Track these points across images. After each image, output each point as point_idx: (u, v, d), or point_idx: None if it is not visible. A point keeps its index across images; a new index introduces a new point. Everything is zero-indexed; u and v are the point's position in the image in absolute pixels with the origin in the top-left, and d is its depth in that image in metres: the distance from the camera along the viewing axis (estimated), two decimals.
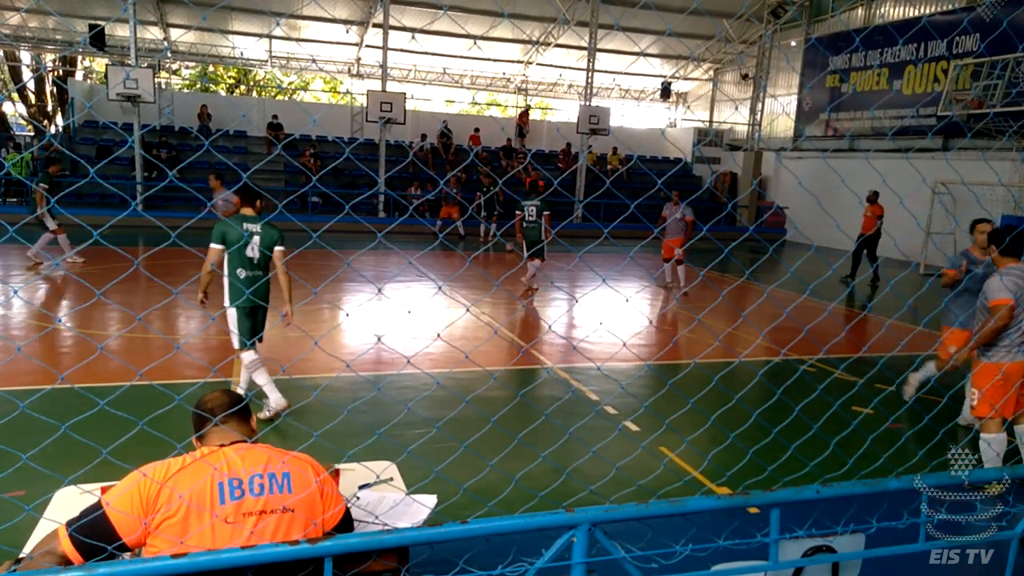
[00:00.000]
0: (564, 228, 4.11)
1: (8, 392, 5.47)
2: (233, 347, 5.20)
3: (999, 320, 4.12)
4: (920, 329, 6.07)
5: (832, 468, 3.61)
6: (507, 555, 1.95)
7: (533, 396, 5.91)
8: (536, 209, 10.19)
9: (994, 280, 4.24)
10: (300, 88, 34.00)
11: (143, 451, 2.65)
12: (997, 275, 4.24)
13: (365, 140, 20.88)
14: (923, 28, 16.28)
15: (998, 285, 4.18)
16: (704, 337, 7.63)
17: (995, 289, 4.20)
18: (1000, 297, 4.16)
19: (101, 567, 1.52)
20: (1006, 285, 4.16)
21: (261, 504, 1.87)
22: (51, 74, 25.51)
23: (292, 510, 1.90)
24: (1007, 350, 4.26)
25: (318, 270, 11.66)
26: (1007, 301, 4.14)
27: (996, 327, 4.14)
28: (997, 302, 4.17)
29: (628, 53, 23.03)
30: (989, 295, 4.24)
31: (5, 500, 2.55)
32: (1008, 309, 4.12)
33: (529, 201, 10.27)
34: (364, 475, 2.71)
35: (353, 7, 20.40)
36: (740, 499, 2.05)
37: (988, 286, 4.27)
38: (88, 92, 21.97)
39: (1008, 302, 4.14)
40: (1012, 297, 4.16)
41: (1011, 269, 4.27)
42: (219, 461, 1.89)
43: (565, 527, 1.87)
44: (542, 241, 10.06)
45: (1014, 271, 4.25)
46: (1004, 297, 4.15)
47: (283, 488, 1.91)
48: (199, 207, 16.29)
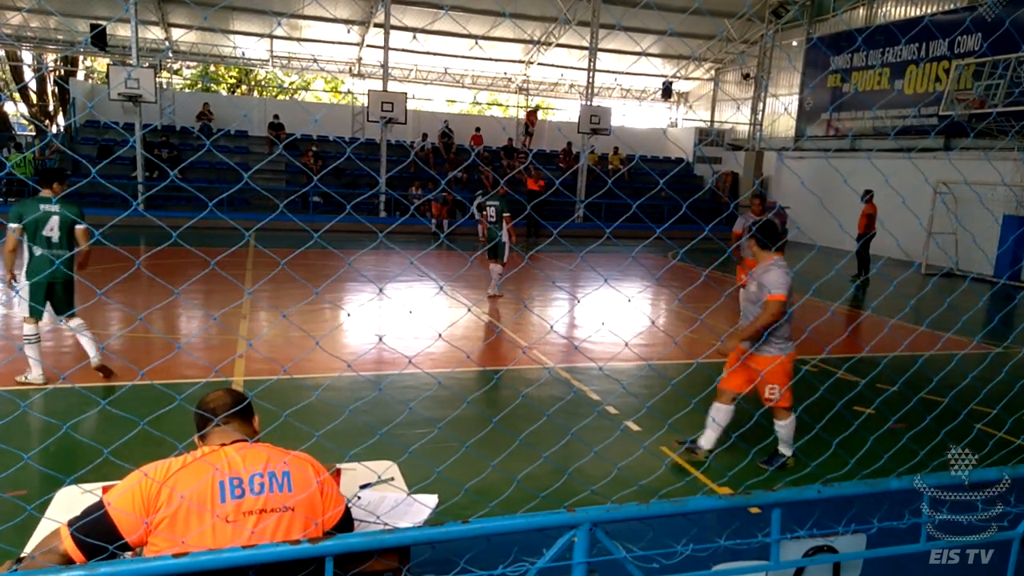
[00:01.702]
0: (566, 228, 4.11)
1: (9, 392, 5.47)
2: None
3: (772, 317, 4.17)
4: (922, 329, 6.06)
5: (833, 468, 3.62)
6: (508, 555, 1.95)
7: (535, 396, 5.91)
8: (495, 210, 9.91)
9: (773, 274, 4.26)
10: (301, 88, 34.03)
11: (144, 451, 2.66)
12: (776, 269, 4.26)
13: (366, 140, 20.88)
14: (925, 28, 16.25)
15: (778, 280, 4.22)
16: (706, 337, 7.63)
17: (775, 284, 4.22)
18: (779, 292, 4.20)
19: (103, 566, 1.52)
20: (784, 281, 4.22)
21: (261, 503, 1.87)
22: (52, 74, 25.54)
23: (292, 509, 1.90)
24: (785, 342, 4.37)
25: (319, 270, 11.66)
26: (783, 297, 4.19)
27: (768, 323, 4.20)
28: (774, 297, 4.20)
29: (629, 53, 23.01)
30: (771, 289, 4.24)
31: (6, 499, 2.56)
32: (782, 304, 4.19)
33: (490, 202, 9.99)
34: (365, 475, 2.71)
35: (354, 7, 20.40)
36: (741, 499, 2.04)
37: (768, 280, 4.26)
38: (89, 92, 21.99)
39: (784, 297, 4.19)
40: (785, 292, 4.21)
41: (780, 261, 4.32)
42: (220, 460, 1.89)
43: (566, 527, 1.87)
44: (502, 242, 9.77)
45: (782, 263, 4.31)
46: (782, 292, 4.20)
47: (283, 487, 1.91)
48: (201, 207, 16.30)
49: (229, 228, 14.69)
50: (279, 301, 9.31)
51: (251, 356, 6.66)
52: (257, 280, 10.18)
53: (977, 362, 6.63)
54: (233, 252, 10.68)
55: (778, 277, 4.21)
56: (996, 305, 11.89)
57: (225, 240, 5.82)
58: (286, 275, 8.85)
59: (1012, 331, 9.58)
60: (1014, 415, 3.62)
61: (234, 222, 2.51)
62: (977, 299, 10.79)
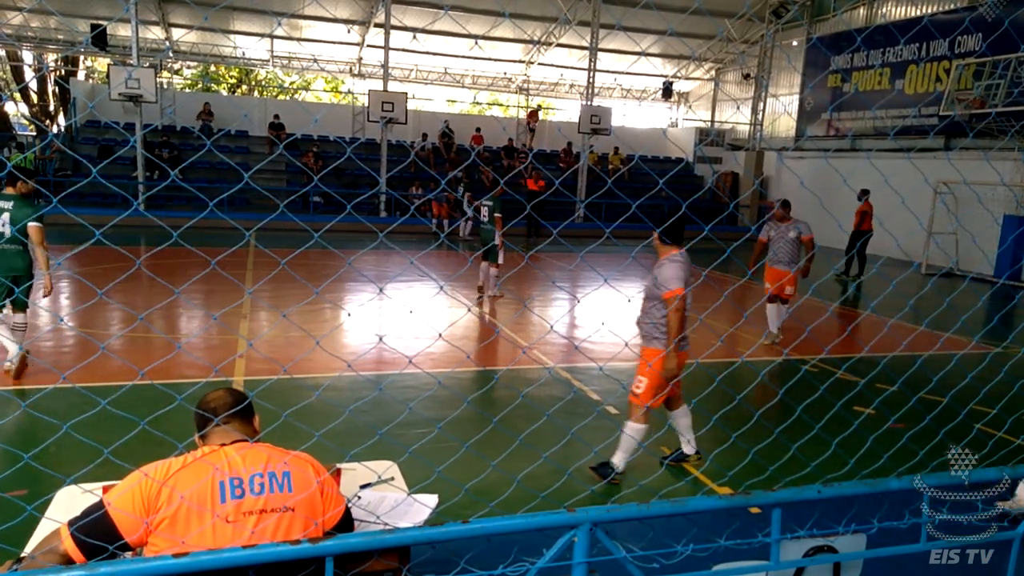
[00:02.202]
0: (566, 228, 4.09)
1: (10, 392, 5.48)
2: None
3: (678, 312, 4.14)
4: (922, 329, 6.06)
5: (833, 468, 3.61)
6: (508, 555, 1.95)
7: (535, 396, 5.91)
8: (488, 210, 9.61)
9: (667, 269, 4.22)
10: (302, 88, 34.03)
11: (144, 451, 2.66)
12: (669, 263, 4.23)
13: (367, 140, 20.89)
14: (925, 28, 16.24)
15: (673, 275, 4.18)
16: (706, 337, 7.63)
17: (670, 278, 4.17)
18: (675, 287, 4.15)
19: (103, 566, 1.52)
20: (678, 275, 4.16)
21: (261, 503, 1.87)
22: (53, 74, 25.54)
23: (292, 509, 1.90)
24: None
25: (320, 270, 11.67)
26: (680, 291, 4.14)
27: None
28: (672, 293, 4.15)
29: (629, 53, 23.01)
30: (666, 285, 4.19)
31: (7, 499, 2.56)
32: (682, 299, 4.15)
33: (483, 202, 9.73)
34: (365, 475, 2.72)
35: (355, 7, 20.41)
36: (741, 499, 2.05)
37: (663, 275, 4.22)
38: (90, 92, 21.99)
39: (681, 291, 4.14)
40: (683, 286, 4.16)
41: (675, 256, 4.28)
42: (220, 460, 1.90)
43: (566, 527, 1.87)
44: (493, 243, 9.50)
45: (678, 258, 4.26)
46: (678, 287, 4.15)
47: (283, 487, 1.91)
48: (201, 207, 16.31)
49: (229, 228, 14.69)
50: (279, 301, 9.32)
51: (251, 356, 6.66)
52: (257, 280, 10.19)
53: (977, 362, 6.63)
54: (233, 252, 10.68)
55: (672, 271, 4.18)
56: (996, 305, 11.89)
57: (225, 240, 5.83)
58: (286, 275, 8.86)
59: (1012, 331, 9.58)
60: (1014, 415, 3.62)
61: (234, 222, 2.51)
62: (977, 299, 10.79)
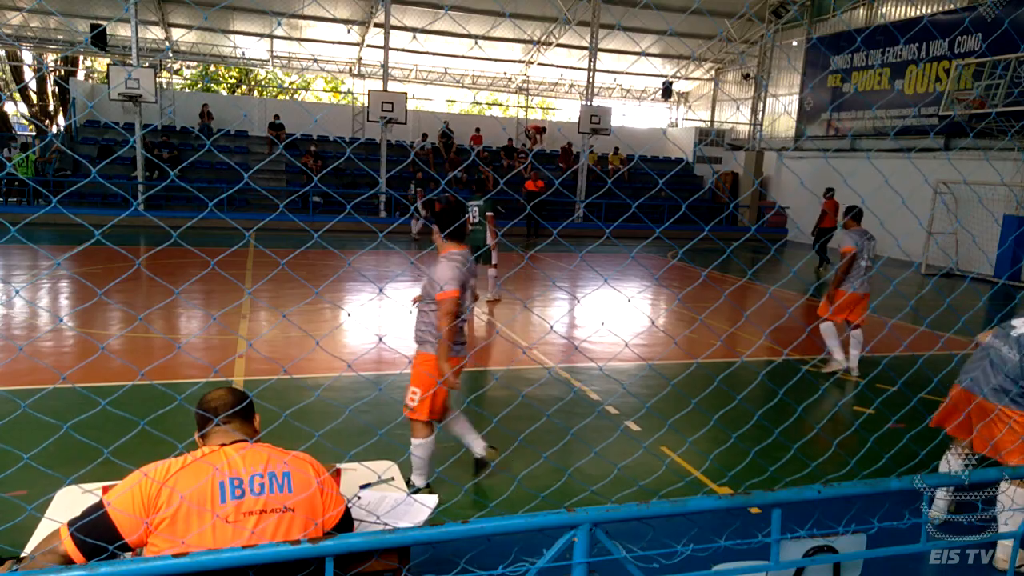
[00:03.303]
0: (566, 228, 4.06)
1: (9, 392, 5.47)
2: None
3: (449, 316, 3.73)
4: (922, 329, 6.06)
5: (833, 468, 3.62)
6: (508, 555, 1.95)
7: (535, 396, 5.91)
8: (479, 210, 9.20)
9: (443, 267, 3.78)
10: (301, 88, 34.02)
11: (144, 451, 2.66)
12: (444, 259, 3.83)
13: (366, 140, 20.90)
14: (925, 28, 16.26)
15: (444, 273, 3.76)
16: (706, 337, 7.63)
17: (445, 279, 3.73)
18: (452, 288, 3.72)
19: (103, 566, 1.52)
20: (454, 275, 3.74)
21: (261, 504, 1.87)
22: (53, 74, 25.53)
23: (292, 510, 1.90)
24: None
25: (320, 270, 11.66)
26: (455, 293, 3.72)
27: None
28: (445, 295, 3.73)
29: (629, 53, 23.01)
30: (442, 285, 3.74)
31: (7, 500, 2.56)
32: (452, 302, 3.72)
33: (473, 201, 9.25)
34: (365, 475, 2.71)
35: (354, 7, 20.41)
36: (741, 499, 2.04)
37: (437, 275, 3.77)
38: (90, 92, 21.99)
39: (456, 294, 3.72)
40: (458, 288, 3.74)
41: (454, 254, 3.88)
42: (220, 460, 1.89)
43: (566, 527, 1.87)
44: (486, 245, 9.19)
45: (456, 257, 3.86)
46: (455, 288, 3.72)
47: (283, 488, 1.91)
48: (201, 207, 16.31)
49: (229, 228, 14.70)
50: (279, 301, 9.31)
51: (251, 356, 6.66)
52: (257, 280, 10.18)
53: None
54: (233, 252, 10.69)
55: (447, 271, 3.74)
56: (996, 305, 11.88)
57: (225, 240, 5.83)
58: (286, 275, 8.86)
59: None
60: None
61: (234, 222, 2.52)
62: (977, 299, 10.79)
